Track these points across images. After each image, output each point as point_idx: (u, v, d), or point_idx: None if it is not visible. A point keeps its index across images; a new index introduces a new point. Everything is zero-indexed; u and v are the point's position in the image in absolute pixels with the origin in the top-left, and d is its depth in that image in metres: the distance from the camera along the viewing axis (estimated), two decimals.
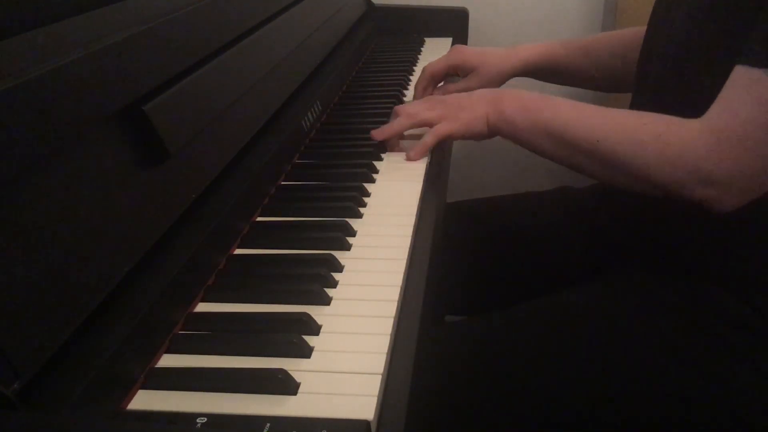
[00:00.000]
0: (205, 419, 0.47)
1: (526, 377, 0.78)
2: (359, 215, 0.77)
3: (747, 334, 0.75)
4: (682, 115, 0.74)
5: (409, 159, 0.90)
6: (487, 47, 1.15)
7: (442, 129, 0.89)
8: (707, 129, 0.70)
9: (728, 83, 0.71)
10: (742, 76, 0.69)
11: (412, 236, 0.73)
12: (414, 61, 1.37)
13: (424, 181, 0.85)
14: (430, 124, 0.90)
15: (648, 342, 0.77)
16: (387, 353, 0.54)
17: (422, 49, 1.48)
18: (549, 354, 0.79)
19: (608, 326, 0.80)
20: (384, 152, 0.93)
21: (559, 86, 1.18)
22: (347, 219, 0.75)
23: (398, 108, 0.94)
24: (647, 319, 0.79)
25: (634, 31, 1.03)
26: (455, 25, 1.57)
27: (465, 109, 0.88)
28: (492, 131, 0.88)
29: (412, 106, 0.94)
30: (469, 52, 1.14)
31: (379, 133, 0.93)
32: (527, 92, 0.87)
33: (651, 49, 0.86)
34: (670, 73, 0.81)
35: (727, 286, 0.77)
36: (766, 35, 0.68)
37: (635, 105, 0.90)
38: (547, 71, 1.13)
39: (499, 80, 1.12)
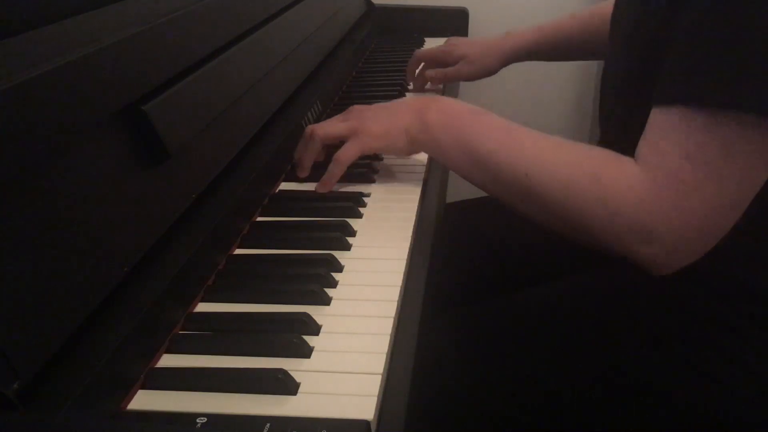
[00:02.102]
0: (205, 419, 0.47)
1: (520, 371, 0.78)
2: (359, 215, 0.77)
3: (734, 336, 0.74)
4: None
5: (317, 190, 0.82)
6: (480, 37, 1.17)
7: (346, 152, 0.79)
8: (642, 169, 0.62)
9: (648, 127, 0.63)
10: (661, 119, 0.62)
11: (412, 236, 0.73)
12: None
13: (424, 181, 0.85)
14: (341, 139, 0.80)
15: (635, 340, 0.77)
16: (387, 353, 0.54)
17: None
18: (542, 347, 0.79)
19: (597, 321, 0.80)
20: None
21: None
22: (347, 219, 0.75)
23: (308, 127, 0.84)
24: (635, 318, 0.79)
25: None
26: (455, 25, 1.57)
27: (380, 120, 0.79)
28: (413, 146, 0.78)
29: (325, 121, 0.84)
30: (460, 41, 1.18)
31: (299, 171, 0.84)
32: (460, 103, 0.78)
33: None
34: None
35: (714, 290, 0.76)
36: (676, 69, 0.61)
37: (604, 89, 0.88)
38: (541, 55, 1.14)
39: (489, 68, 1.15)
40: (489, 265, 1.03)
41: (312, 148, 0.83)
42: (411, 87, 1.22)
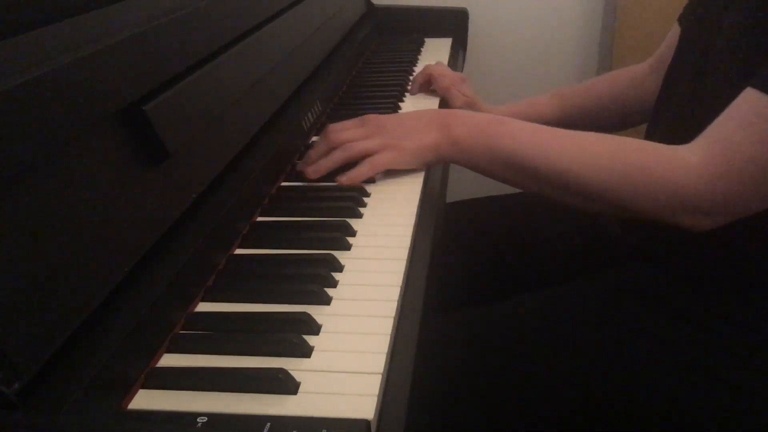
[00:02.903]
0: (206, 419, 0.47)
1: (523, 372, 0.78)
2: (359, 215, 0.77)
3: (747, 335, 0.74)
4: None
5: (339, 182, 0.82)
6: (482, 107, 1.13)
7: (383, 160, 0.81)
8: (704, 165, 0.67)
9: (734, 107, 0.67)
10: (751, 102, 0.65)
11: (412, 236, 0.73)
12: (414, 61, 1.37)
13: (424, 180, 0.85)
14: (369, 155, 0.82)
15: (645, 339, 0.77)
16: (387, 353, 0.54)
17: (422, 49, 1.48)
18: (547, 349, 0.79)
19: (606, 322, 0.80)
20: None
21: None
22: (347, 219, 0.75)
23: (330, 133, 0.83)
24: (645, 317, 0.78)
25: (611, 76, 1.09)
26: (455, 25, 1.58)
27: (410, 137, 0.81)
28: (440, 161, 0.82)
29: (347, 131, 0.83)
30: (463, 94, 1.14)
31: (313, 172, 0.82)
32: (479, 114, 0.81)
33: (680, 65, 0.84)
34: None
35: (727, 287, 0.76)
36: None
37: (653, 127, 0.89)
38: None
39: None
40: (490, 264, 1.03)
41: (337, 160, 0.82)
42: (409, 88, 1.21)
